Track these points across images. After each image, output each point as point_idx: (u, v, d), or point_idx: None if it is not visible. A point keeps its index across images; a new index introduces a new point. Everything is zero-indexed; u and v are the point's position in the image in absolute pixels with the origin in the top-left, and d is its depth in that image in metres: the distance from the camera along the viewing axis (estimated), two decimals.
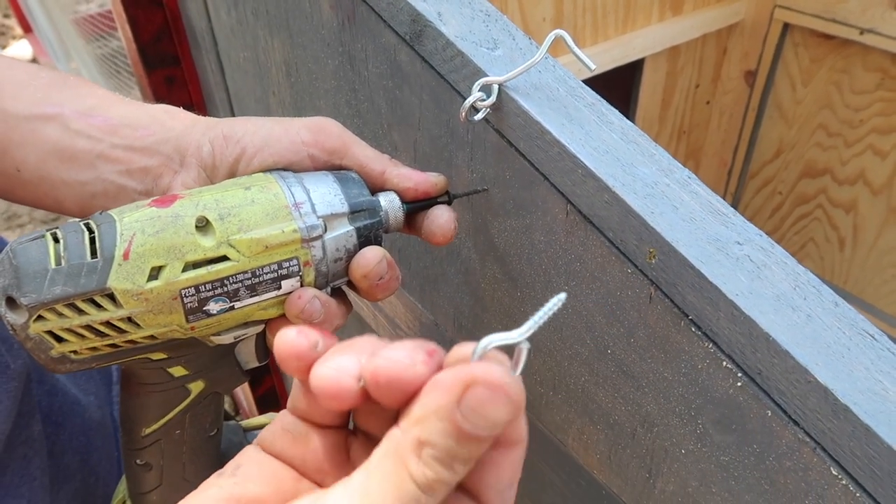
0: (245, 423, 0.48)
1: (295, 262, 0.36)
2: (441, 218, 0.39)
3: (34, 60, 2.40)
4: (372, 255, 0.37)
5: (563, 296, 0.23)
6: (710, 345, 0.32)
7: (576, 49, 0.35)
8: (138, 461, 0.39)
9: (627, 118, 0.36)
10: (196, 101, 0.89)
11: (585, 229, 0.36)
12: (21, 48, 2.68)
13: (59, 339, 0.33)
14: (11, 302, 0.32)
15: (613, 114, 0.37)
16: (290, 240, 0.35)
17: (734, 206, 1.55)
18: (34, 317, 0.31)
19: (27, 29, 2.44)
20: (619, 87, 1.27)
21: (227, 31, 0.72)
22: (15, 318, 0.32)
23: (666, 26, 1.20)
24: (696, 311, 0.32)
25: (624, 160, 0.35)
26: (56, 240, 0.33)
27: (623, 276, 0.35)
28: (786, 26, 1.29)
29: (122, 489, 0.43)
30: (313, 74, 0.57)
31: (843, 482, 0.28)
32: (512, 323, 0.29)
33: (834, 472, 0.29)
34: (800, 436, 0.29)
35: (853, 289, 1.42)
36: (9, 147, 0.38)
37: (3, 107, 0.38)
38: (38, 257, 0.32)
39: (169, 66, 0.85)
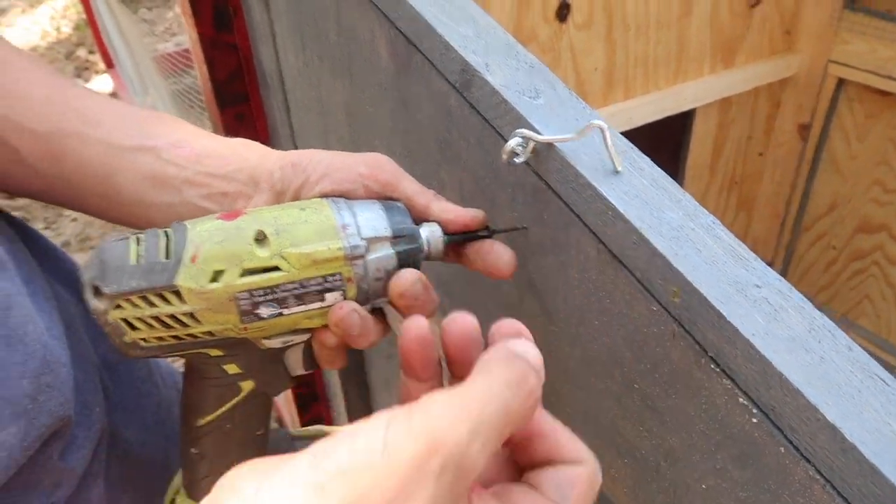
0: (294, 431, 0.51)
1: (339, 277, 0.39)
2: (504, 256, 0.43)
3: (114, 94, 2.55)
4: (408, 276, 0.40)
5: None
6: (729, 381, 0.34)
7: (609, 144, 0.38)
8: (193, 450, 0.43)
9: (678, 166, 0.38)
10: (262, 137, 0.95)
11: (615, 268, 0.39)
12: (103, 82, 2.86)
13: (133, 328, 0.38)
14: (97, 291, 0.37)
15: (644, 161, 0.39)
16: (335, 256, 0.39)
17: (787, 258, 1.53)
18: (114, 305, 0.37)
19: (109, 64, 2.60)
20: (670, 136, 1.28)
21: (295, 73, 0.77)
22: (98, 305, 0.37)
23: (718, 78, 1.22)
24: (716, 348, 0.34)
25: (652, 204, 0.37)
26: (138, 242, 0.38)
27: (649, 314, 0.37)
28: (840, 81, 1.29)
29: (175, 482, 0.46)
30: (371, 116, 0.61)
31: None
32: (546, 355, 0.32)
33: None
34: (811, 472, 0.31)
35: None
36: (111, 173, 0.44)
37: (107, 139, 0.44)
38: (121, 255, 0.37)
39: (240, 103, 0.91)
